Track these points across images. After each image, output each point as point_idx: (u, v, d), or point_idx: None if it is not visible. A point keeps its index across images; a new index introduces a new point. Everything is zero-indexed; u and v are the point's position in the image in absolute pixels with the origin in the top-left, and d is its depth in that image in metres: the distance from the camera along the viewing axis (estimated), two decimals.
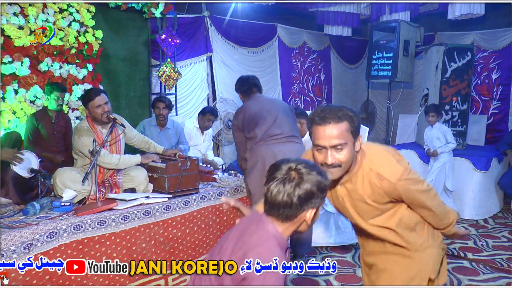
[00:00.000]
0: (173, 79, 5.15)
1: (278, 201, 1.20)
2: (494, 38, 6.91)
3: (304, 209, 1.22)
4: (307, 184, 1.20)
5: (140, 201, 2.63)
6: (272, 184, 1.21)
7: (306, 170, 1.22)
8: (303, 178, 1.21)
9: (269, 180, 1.23)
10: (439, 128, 4.54)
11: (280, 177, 1.21)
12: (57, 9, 4.06)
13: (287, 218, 1.24)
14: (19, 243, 2.09)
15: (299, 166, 1.23)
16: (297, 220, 1.25)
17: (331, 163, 1.46)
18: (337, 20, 7.14)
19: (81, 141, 2.72)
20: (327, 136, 1.45)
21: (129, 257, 2.54)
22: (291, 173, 1.21)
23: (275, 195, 1.20)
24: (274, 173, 1.23)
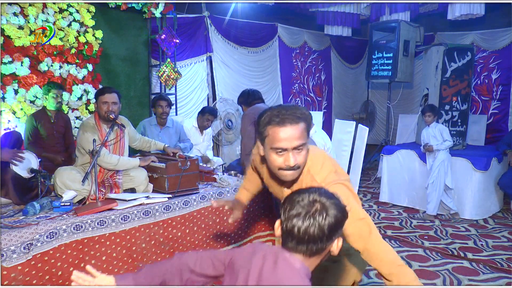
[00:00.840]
0: (173, 79, 5.16)
1: (309, 236, 1.11)
2: (494, 38, 6.92)
3: (333, 239, 1.16)
4: (333, 212, 1.13)
5: (140, 201, 2.63)
6: (297, 220, 1.12)
7: (326, 198, 1.15)
8: (328, 207, 1.13)
9: (291, 216, 1.13)
10: (436, 126, 4.55)
11: (305, 211, 1.12)
12: (57, 9, 4.06)
13: (316, 252, 1.15)
14: (19, 243, 2.09)
15: (317, 196, 1.15)
16: (324, 252, 1.18)
17: (294, 165, 1.41)
18: (337, 20, 7.15)
19: (84, 136, 2.72)
20: (288, 138, 1.38)
21: (129, 257, 2.54)
22: (316, 204, 1.13)
23: (304, 230, 1.11)
24: (295, 208, 1.14)
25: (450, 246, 3.73)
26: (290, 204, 1.16)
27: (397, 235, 4.01)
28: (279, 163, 1.42)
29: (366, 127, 3.76)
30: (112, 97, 2.79)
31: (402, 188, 5.06)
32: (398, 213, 4.78)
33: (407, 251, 3.59)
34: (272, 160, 1.44)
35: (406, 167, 5.05)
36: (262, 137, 1.44)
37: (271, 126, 1.40)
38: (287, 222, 1.14)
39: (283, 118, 1.38)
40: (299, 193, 1.18)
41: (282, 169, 1.43)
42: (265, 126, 1.42)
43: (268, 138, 1.42)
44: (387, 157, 5.25)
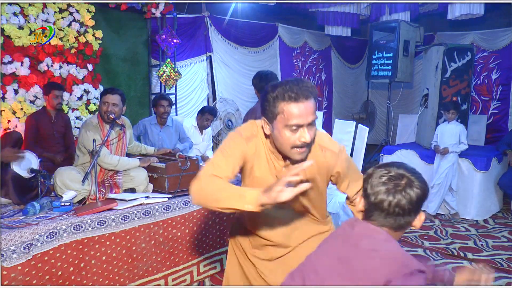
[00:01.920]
0: (173, 79, 5.16)
1: (399, 209, 1.13)
2: (494, 38, 6.92)
3: (417, 213, 1.18)
4: (419, 185, 1.16)
5: (140, 201, 2.63)
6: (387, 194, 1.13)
7: (411, 172, 1.17)
8: (414, 180, 1.15)
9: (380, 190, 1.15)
10: (456, 125, 4.50)
11: (393, 184, 1.14)
12: (57, 9, 4.06)
13: (403, 226, 1.17)
14: (19, 243, 2.09)
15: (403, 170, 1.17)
16: (408, 226, 1.20)
17: (310, 140, 1.38)
18: (337, 20, 7.15)
19: (86, 135, 2.73)
20: (304, 113, 1.33)
21: (129, 257, 2.54)
22: (404, 178, 1.15)
23: (395, 204, 1.13)
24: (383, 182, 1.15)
25: (450, 246, 3.73)
26: (377, 179, 1.17)
27: None
28: (293, 140, 1.36)
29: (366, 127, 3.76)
30: (113, 98, 2.80)
31: None
32: None
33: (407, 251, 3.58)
34: (286, 138, 1.37)
35: None
36: (273, 115, 1.37)
37: (285, 102, 1.33)
38: (376, 196, 1.15)
39: (297, 93, 1.33)
40: (383, 167, 1.19)
41: (296, 147, 1.38)
42: (276, 102, 1.35)
43: (281, 116, 1.35)
44: (387, 157, 5.25)
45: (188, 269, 2.85)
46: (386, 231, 1.18)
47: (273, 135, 1.41)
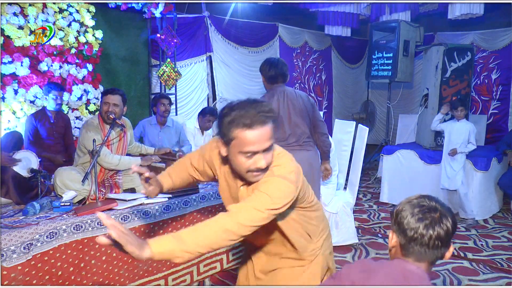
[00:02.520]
0: (173, 79, 5.16)
1: (439, 242, 1.14)
2: (493, 38, 6.92)
3: (450, 245, 1.19)
4: (451, 217, 1.16)
5: (140, 201, 2.63)
6: (426, 228, 1.14)
7: (440, 204, 1.18)
8: (446, 212, 1.17)
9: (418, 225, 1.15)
10: (466, 124, 4.37)
11: (430, 218, 1.15)
12: (57, 9, 4.06)
13: (438, 258, 1.19)
14: (19, 243, 2.09)
15: (433, 202, 1.18)
16: (439, 258, 1.21)
17: (265, 166, 1.33)
18: (337, 20, 7.14)
19: (87, 135, 2.73)
20: (259, 140, 1.28)
21: (129, 257, 2.53)
22: (437, 211, 1.16)
23: (436, 236, 1.14)
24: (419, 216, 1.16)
25: None
26: (412, 213, 1.17)
27: None
28: (247, 165, 1.33)
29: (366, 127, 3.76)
30: (114, 98, 2.80)
31: (402, 188, 5.06)
32: None
33: None
34: (240, 163, 1.34)
35: (406, 167, 5.04)
36: (227, 140, 1.33)
37: (240, 129, 1.28)
38: (415, 231, 1.15)
39: (252, 120, 1.27)
40: (413, 202, 1.19)
41: (251, 171, 1.35)
42: (231, 128, 1.30)
43: (235, 141, 1.30)
44: (387, 157, 5.25)
45: (188, 269, 2.85)
46: (424, 266, 1.19)
47: (229, 157, 1.39)
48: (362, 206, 5.03)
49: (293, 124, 2.91)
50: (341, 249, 3.58)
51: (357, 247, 3.65)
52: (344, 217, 3.61)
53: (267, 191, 1.32)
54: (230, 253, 3.08)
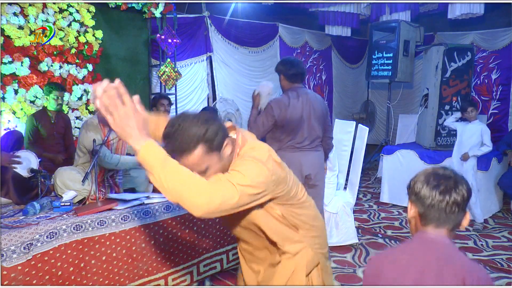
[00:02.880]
0: (173, 79, 5.16)
1: (456, 207, 1.20)
2: (494, 38, 6.92)
3: (465, 211, 1.23)
4: (465, 183, 1.22)
5: (140, 201, 2.63)
6: (443, 194, 1.19)
7: (452, 173, 1.23)
8: (461, 179, 1.22)
9: (434, 193, 1.20)
10: (478, 125, 4.25)
11: (445, 185, 1.20)
12: (57, 9, 4.06)
13: (458, 225, 1.24)
14: (19, 243, 2.09)
15: (449, 171, 1.24)
16: (459, 225, 1.25)
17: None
18: (337, 20, 7.15)
19: (87, 135, 2.73)
20: (187, 166, 1.23)
21: (128, 257, 2.54)
22: (452, 178, 1.21)
23: (452, 202, 1.19)
24: (434, 185, 1.21)
25: None
26: (426, 182, 1.22)
27: (397, 235, 4.01)
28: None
29: (366, 127, 3.76)
30: None
31: (402, 188, 5.01)
32: (398, 213, 4.78)
33: None
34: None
35: (406, 167, 5.04)
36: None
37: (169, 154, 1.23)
38: (431, 198, 1.20)
39: (175, 149, 1.25)
40: (428, 172, 1.24)
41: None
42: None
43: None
44: (387, 157, 5.25)
45: (188, 269, 2.85)
46: (445, 232, 1.23)
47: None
48: (362, 206, 5.03)
49: (311, 128, 2.95)
50: (341, 249, 3.58)
51: (357, 247, 3.65)
52: (344, 217, 3.61)
53: (239, 168, 1.30)
54: (230, 253, 3.08)
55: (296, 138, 2.91)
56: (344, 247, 3.62)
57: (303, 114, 2.90)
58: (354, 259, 3.44)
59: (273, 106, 2.86)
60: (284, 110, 2.86)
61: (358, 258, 3.44)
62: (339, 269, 3.25)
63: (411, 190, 1.26)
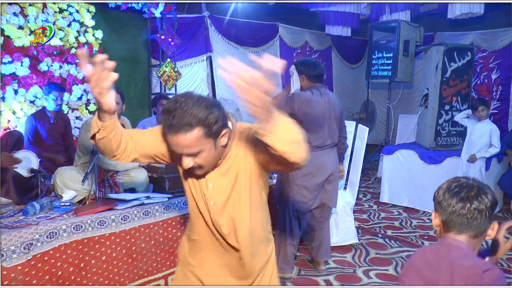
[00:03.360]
0: (173, 79, 5.16)
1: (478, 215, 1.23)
2: (493, 38, 6.92)
3: (490, 221, 1.26)
4: (489, 192, 1.25)
5: (140, 201, 2.63)
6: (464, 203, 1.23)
7: (475, 183, 1.27)
8: (484, 188, 1.25)
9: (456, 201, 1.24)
10: (488, 124, 4.20)
11: (467, 194, 1.24)
12: (57, 9, 4.06)
13: (481, 233, 1.26)
14: (19, 243, 2.09)
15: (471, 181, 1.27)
16: (484, 234, 1.28)
17: (188, 167, 1.29)
18: (337, 20, 7.15)
19: (87, 135, 2.72)
20: (179, 146, 1.24)
21: (128, 257, 2.54)
22: (475, 187, 1.25)
23: (474, 210, 1.22)
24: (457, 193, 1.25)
25: None
26: (448, 190, 1.28)
27: (397, 235, 4.01)
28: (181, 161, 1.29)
29: (366, 127, 3.76)
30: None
31: (402, 188, 5.06)
32: (398, 213, 4.78)
33: (407, 251, 3.59)
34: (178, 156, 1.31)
35: (406, 167, 5.04)
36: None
37: (165, 130, 1.25)
38: (452, 206, 1.25)
39: (170, 125, 1.22)
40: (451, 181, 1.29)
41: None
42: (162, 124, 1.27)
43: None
44: (387, 157, 5.25)
45: None
46: (464, 238, 1.26)
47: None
48: (362, 206, 5.03)
49: (330, 128, 3.00)
50: (341, 249, 3.58)
51: (357, 247, 3.65)
52: (344, 217, 3.61)
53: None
54: None
55: (320, 137, 2.94)
56: (344, 247, 3.62)
57: (325, 113, 2.94)
58: (354, 259, 3.44)
59: (295, 99, 2.85)
60: (306, 105, 2.85)
61: (358, 258, 3.44)
62: (339, 269, 3.25)
63: (435, 199, 1.31)
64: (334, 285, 3.01)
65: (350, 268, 3.27)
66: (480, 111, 4.20)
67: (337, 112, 3.04)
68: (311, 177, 2.94)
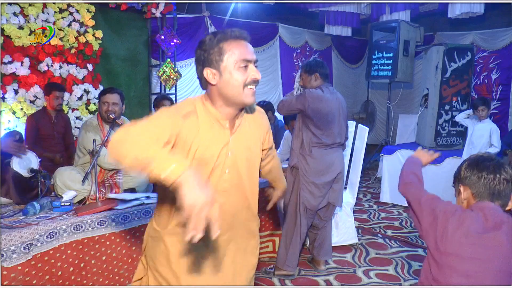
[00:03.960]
0: (173, 79, 5.16)
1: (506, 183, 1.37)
2: (493, 38, 6.92)
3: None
4: (506, 165, 1.41)
5: (140, 201, 2.63)
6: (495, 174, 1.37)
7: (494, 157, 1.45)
8: (501, 162, 1.42)
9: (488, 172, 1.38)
10: (488, 124, 4.19)
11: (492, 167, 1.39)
12: (57, 9, 4.06)
13: (506, 203, 1.40)
14: (19, 243, 2.09)
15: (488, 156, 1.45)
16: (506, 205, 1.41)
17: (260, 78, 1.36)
18: (337, 20, 7.15)
19: (86, 136, 2.72)
20: (250, 50, 1.34)
21: (128, 257, 2.54)
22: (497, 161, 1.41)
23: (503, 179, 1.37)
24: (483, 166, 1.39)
25: None
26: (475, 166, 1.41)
27: (397, 235, 4.01)
28: (244, 78, 1.32)
29: (366, 127, 3.76)
30: (113, 97, 2.80)
31: None
32: (398, 213, 4.78)
33: (407, 251, 3.59)
34: (237, 79, 1.31)
35: None
36: (220, 56, 1.30)
37: (232, 40, 1.31)
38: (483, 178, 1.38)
39: (240, 33, 1.33)
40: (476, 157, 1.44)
41: (248, 84, 1.33)
42: (222, 43, 1.30)
43: (229, 55, 1.30)
44: (387, 157, 5.25)
45: None
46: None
47: (221, 81, 1.33)
48: (362, 206, 5.03)
49: (340, 126, 3.03)
50: (341, 249, 3.58)
51: (357, 247, 3.65)
52: (344, 217, 3.61)
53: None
54: None
55: (330, 134, 2.95)
56: (344, 247, 3.62)
57: (334, 110, 2.96)
58: (354, 259, 3.44)
59: (307, 96, 2.88)
60: (318, 102, 2.87)
61: (358, 258, 3.44)
62: (339, 269, 3.25)
63: (461, 176, 1.44)
64: (334, 285, 3.01)
65: (350, 268, 3.27)
66: (480, 111, 4.20)
67: (345, 111, 3.10)
68: (321, 174, 2.96)
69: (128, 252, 2.54)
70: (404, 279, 3.08)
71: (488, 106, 4.29)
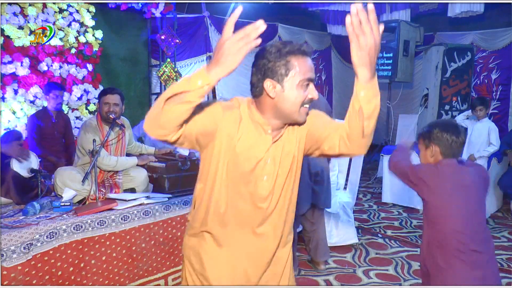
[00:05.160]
0: (173, 79, 5.16)
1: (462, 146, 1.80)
2: (493, 38, 6.92)
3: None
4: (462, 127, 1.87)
5: (140, 201, 2.63)
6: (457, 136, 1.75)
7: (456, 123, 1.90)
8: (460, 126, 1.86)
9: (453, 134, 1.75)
10: (486, 123, 4.22)
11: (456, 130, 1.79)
12: (57, 9, 4.06)
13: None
14: (19, 243, 2.09)
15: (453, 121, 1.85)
16: None
17: (316, 96, 1.31)
18: (337, 19, 7.15)
19: (86, 136, 2.72)
20: (312, 68, 1.29)
21: (128, 257, 2.54)
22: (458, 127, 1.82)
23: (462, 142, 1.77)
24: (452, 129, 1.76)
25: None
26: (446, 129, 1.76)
27: (397, 235, 4.01)
28: (303, 97, 1.27)
29: None
30: (113, 98, 2.79)
31: (403, 188, 5.05)
32: (398, 213, 4.78)
33: (407, 251, 3.59)
34: (297, 96, 1.26)
35: None
36: (286, 71, 1.24)
37: (298, 56, 1.25)
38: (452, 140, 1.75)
39: (306, 49, 1.27)
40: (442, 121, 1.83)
41: (305, 104, 1.29)
42: (286, 57, 1.24)
43: (294, 71, 1.24)
44: (387, 157, 5.24)
45: None
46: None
47: (281, 96, 1.27)
48: (362, 206, 5.03)
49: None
50: (341, 249, 3.58)
51: (357, 247, 3.65)
52: (344, 217, 3.61)
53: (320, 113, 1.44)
54: None
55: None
56: (344, 247, 3.62)
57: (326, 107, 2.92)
58: (354, 259, 3.44)
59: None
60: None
61: (358, 258, 3.44)
62: (339, 269, 3.25)
63: (432, 135, 1.77)
64: (334, 285, 3.01)
65: (350, 268, 3.27)
66: (478, 111, 4.23)
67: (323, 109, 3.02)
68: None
69: (128, 252, 2.54)
70: (404, 279, 3.08)
71: (486, 106, 4.30)
